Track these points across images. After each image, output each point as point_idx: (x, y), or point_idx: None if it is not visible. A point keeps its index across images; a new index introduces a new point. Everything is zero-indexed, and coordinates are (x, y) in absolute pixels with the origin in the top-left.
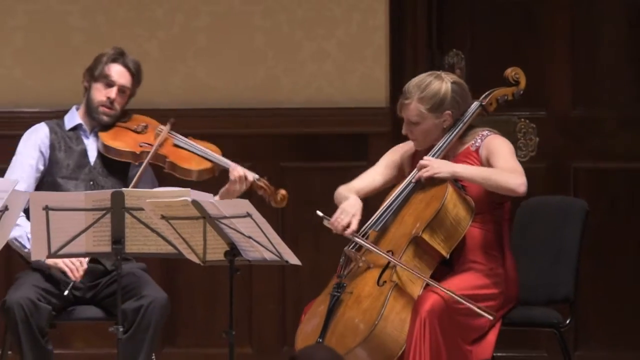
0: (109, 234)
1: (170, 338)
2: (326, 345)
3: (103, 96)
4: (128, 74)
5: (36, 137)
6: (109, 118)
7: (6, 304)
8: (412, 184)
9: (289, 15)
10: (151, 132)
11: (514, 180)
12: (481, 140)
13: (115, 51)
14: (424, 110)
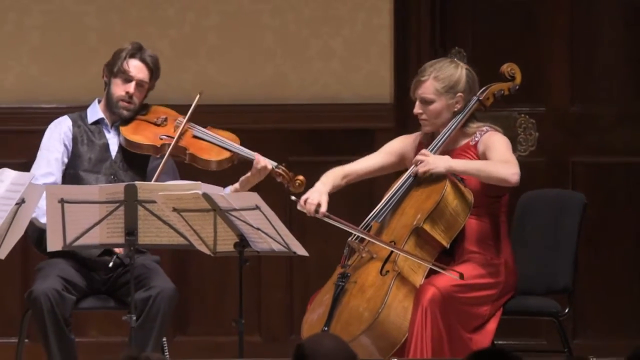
0: (123, 225)
1: (182, 327)
2: (332, 333)
3: (122, 91)
4: (146, 68)
5: (60, 130)
6: (129, 112)
7: (33, 294)
8: (412, 177)
9: (296, 14)
10: (171, 124)
11: (506, 170)
12: (480, 135)
13: (133, 46)
14: (439, 89)
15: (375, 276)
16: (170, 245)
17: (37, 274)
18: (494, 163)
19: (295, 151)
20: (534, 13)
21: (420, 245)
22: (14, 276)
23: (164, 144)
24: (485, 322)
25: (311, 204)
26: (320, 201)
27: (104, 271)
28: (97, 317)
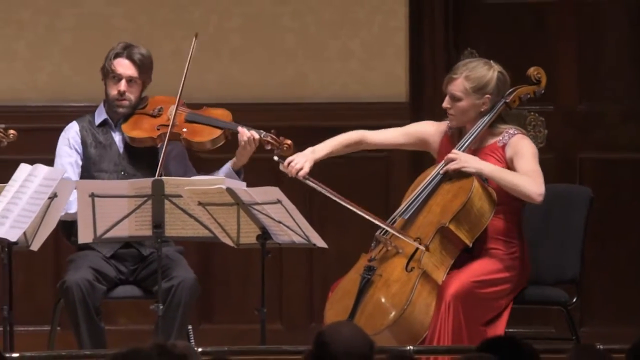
0: (150, 219)
1: (207, 315)
2: (352, 322)
3: (115, 90)
4: (132, 65)
5: (68, 136)
6: (125, 109)
7: (65, 284)
8: (440, 175)
9: (316, 16)
10: (165, 113)
11: (533, 189)
12: (508, 137)
13: (120, 46)
14: (468, 88)
15: (401, 272)
16: (195, 238)
17: (68, 265)
18: (522, 177)
19: None
20: (543, 16)
21: (444, 243)
22: (46, 267)
23: (161, 133)
24: (500, 313)
25: (293, 166)
26: (304, 165)
27: (131, 262)
28: (126, 306)
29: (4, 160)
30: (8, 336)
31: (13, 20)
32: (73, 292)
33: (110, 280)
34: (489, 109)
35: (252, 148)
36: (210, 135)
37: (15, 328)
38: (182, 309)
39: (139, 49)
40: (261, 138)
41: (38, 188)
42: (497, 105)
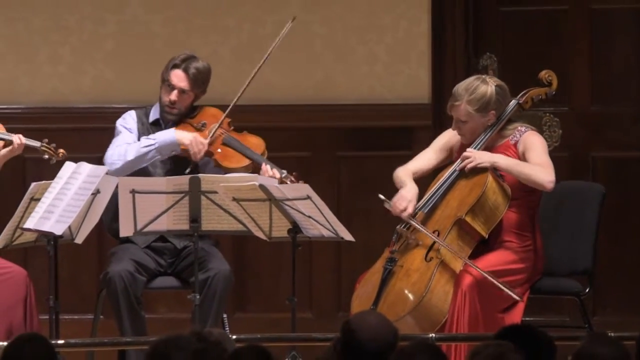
0: (187, 213)
1: (241, 304)
2: (377, 311)
3: (167, 98)
4: (186, 78)
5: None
6: (173, 116)
7: (109, 275)
8: (456, 172)
9: (344, 23)
10: (207, 129)
11: (545, 177)
12: (519, 135)
13: (180, 57)
14: (472, 111)
15: (420, 262)
16: (230, 232)
17: (111, 257)
18: (534, 167)
19: (342, 147)
20: (557, 23)
21: (461, 235)
22: (89, 259)
23: None
24: (515, 303)
25: (398, 207)
26: (407, 207)
27: (168, 255)
28: (165, 296)
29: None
30: (54, 324)
31: (59, 26)
32: (116, 282)
33: (150, 272)
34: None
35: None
36: (239, 164)
37: (61, 316)
38: (217, 299)
39: (197, 62)
40: (281, 178)
41: (82, 185)
42: (509, 107)
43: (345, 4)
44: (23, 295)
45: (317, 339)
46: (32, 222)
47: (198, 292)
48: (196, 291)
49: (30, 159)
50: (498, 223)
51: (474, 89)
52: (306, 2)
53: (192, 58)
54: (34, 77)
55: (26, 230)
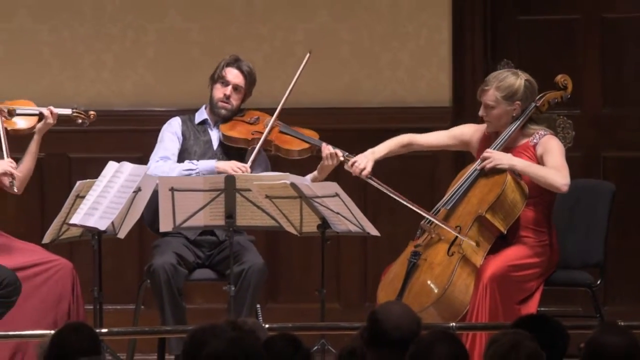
0: (223, 210)
1: (273, 295)
2: (401, 302)
3: (221, 93)
4: (241, 75)
5: (172, 127)
6: (227, 112)
7: (152, 267)
8: (477, 171)
9: (369, 31)
10: (261, 123)
11: (560, 180)
12: (539, 137)
13: (231, 57)
14: (499, 97)
15: (443, 256)
16: (263, 227)
17: (153, 250)
18: (549, 170)
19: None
20: (571, 30)
21: (481, 230)
22: (131, 253)
23: (254, 137)
24: (531, 294)
25: (357, 167)
26: (366, 166)
27: (207, 248)
28: (202, 287)
29: (94, 158)
30: (98, 314)
31: (103, 34)
32: (159, 274)
33: (189, 265)
34: (521, 112)
35: (333, 163)
36: (299, 146)
37: (104, 306)
38: (251, 290)
39: (247, 62)
40: (344, 157)
41: (124, 183)
42: (528, 109)
43: (371, 13)
44: (69, 287)
45: (345, 327)
46: (77, 218)
47: (233, 283)
48: (231, 283)
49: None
50: (516, 219)
51: (504, 77)
52: (334, 12)
53: (241, 59)
54: (78, 82)
55: (72, 225)
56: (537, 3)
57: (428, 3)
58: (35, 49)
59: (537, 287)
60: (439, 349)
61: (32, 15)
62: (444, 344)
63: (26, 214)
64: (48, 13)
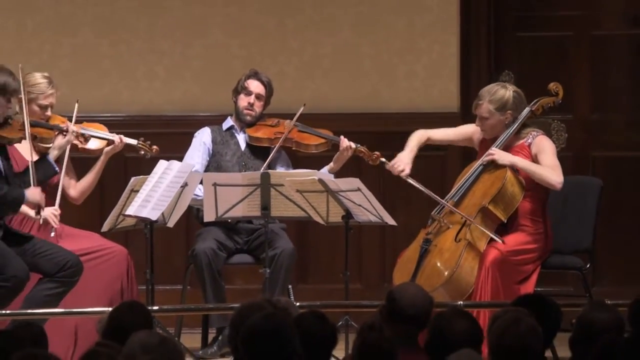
0: (259, 202)
1: (303, 277)
2: (415, 283)
3: (245, 102)
4: (262, 85)
5: (202, 136)
6: (252, 118)
7: (195, 252)
8: (481, 167)
9: (387, 45)
10: (282, 125)
11: (555, 178)
12: (532, 138)
13: (251, 71)
14: (492, 109)
15: (451, 242)
16: (294, 217)
17: (197, 238)
18: (546, 169)
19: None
20: (564, 45)
21: (485, 219)
22: (179, 239)
23: (276, 137)
24: (529, 276)
25: (397, 168)
26: (405, 167)
27: (244, 235)
28: (240, 270)
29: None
30: (150, 293)
31: (155, 49)
32: (201, 258)
33: (229, 250)
34: (513, 120)
35: (348, 154)
36: (316, 142)
37: (155, 287)
38: (283, 272)
39: (265, 75)
40: (357, 148)
41: (173, 179)
42: (523, 113)
43: (389, 31)
44: (125, 270)
45: (366, 305)
46: (132, 210)
47: (268, 266)
48: (266, 266)
49: (130, 158)
50: (515, 210)
51: (494, 92)
52: (357, 28)
53: (257, 72)
54: (134, 90)
55: (127, 216)
56: (534, 21)
57: (439, 22)
58: (96, 61)
59: (533, 269)
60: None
61: (93, 32)
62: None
63: (87, 207)
64: (108, 30)
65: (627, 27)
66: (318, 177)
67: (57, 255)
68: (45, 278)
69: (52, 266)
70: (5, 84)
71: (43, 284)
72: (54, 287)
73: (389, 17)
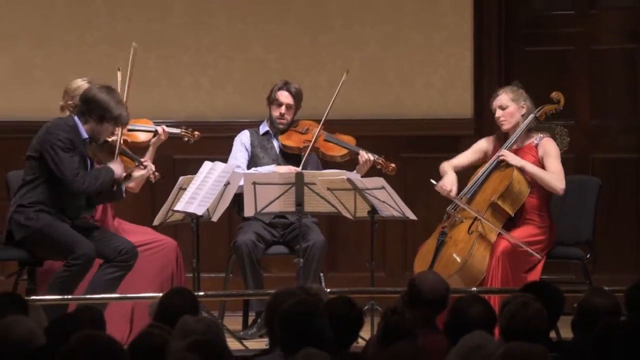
0: (294, 199)
1: (333, 266)
2: (433, 271)
3: (277, 112)
4: (290, 95)
5: (242, 138)
6: (283, 126)
7: (237, 243)
8: (491, 167)
9: (409, 59)
10: (310, 132)
11: (558, 184)
12: (539, 139)
13: (281, 82)
14: (510, 98)
15: (465, 234)
16: (325, 213)
17: (238, 231)
18: (551, 175)
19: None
20: (567, 58)
21: (494, 214)
22: (222, 232)
23: (305, 145)
24: (535, 265)
25: (445, 189)
26: (452, 188)
27: (280, 229)
28: (277, 260)
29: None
30: (196, 280)
31: (200, 62)
32: (242, 249)
33: (267, 241)
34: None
35: (367, 166)
36: (340, 152)
37: (201, 275)
38: (315, 262)
39: (295, 85)
40: (375, 160)
41: (217, 178)
42: (529, 118)
43: (410, 46)
44: (174, 260)
45: (389, 291)
46: (180, 206)
47: (301, 257)
48: (300, 256)
49: (179, 160)
50: (522, 205)
51: (510, 88)
52: (382, 44)
53: (290, 82)
54: (181, 99)
55: (176, 211)
56: (540, 37)
57: (454, 38)
58: (146, 74)
59: (539, 260)
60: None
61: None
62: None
63: (140, 203)
64: (157, 45)
65: (623, 42)
66: (347, 177)
67: (115, 241)
68: (105, 263)
69: (111, 251)
70: (120, 116)
71: (103, 270)
72: (113, 272)
73: (410, 33)
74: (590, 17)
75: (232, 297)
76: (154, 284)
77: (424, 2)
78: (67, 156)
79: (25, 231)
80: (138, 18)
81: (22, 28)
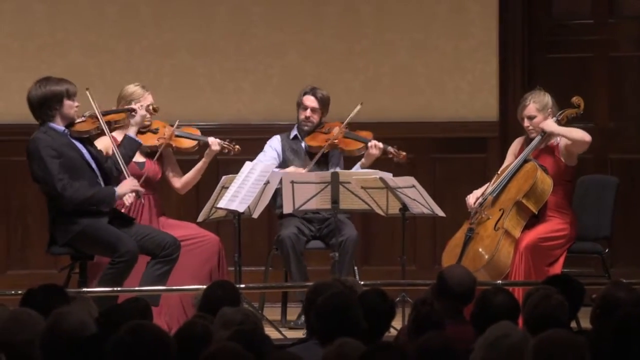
0: (330, 197)
1: (367, 260)
2: (461, 265)
3: (303, 116)
4: (315, 100)
5: (273, 142)
6: (308, 127)
7: (280, 237)
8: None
9: (438, 65)
10: (332, 132)
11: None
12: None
13: (308, 87)
14: (538, 108)
15: (491, 230)
16: (359, 210)
17: (280, 226)
18: (577, 130)
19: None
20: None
21: (519, 212)
22: (262, 228)
23: (328, 144)
24: (557, 259)
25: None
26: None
27: (317, 224)
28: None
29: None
30: (238, 274)
31: (242, 68)
32: (286, 242)
33: (306, 236)
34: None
35: (376, 153)
36: (356, 146)
37: (242, 268)
38: (349, 256)
39: (321, 90)
40: (385, 148)
41: (257, 177)
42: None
43: (439, 53)
44: (216, 254)
45: (420, 284)
46: (223, 203)
47: (336, 251)
48: (335, 250)
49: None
50: (545, 203)
51: (536, 94)
52: (412, 51)
53: (316, 88)
54: (224, 103)
55: (219, 208)
56: (562, 45)
57: (481, 45)
58: (192, 79)
59: (561, 254)
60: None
61: (190, 54)
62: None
63: (185, 201)
64: (202, 52)
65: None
66: (379, 176)
67: (157, 236)
68: (152, 260)
69: (154, 247)
70: (68, 89)
71: (151, 267)
72: (160, 267)
73: (439, 41)
74: (609, 26)
75: (272, 289)
76: (198, 277)
77: (452, 12)
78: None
79: (67, 236)
80: (183, 28)
81: (76, 37)
